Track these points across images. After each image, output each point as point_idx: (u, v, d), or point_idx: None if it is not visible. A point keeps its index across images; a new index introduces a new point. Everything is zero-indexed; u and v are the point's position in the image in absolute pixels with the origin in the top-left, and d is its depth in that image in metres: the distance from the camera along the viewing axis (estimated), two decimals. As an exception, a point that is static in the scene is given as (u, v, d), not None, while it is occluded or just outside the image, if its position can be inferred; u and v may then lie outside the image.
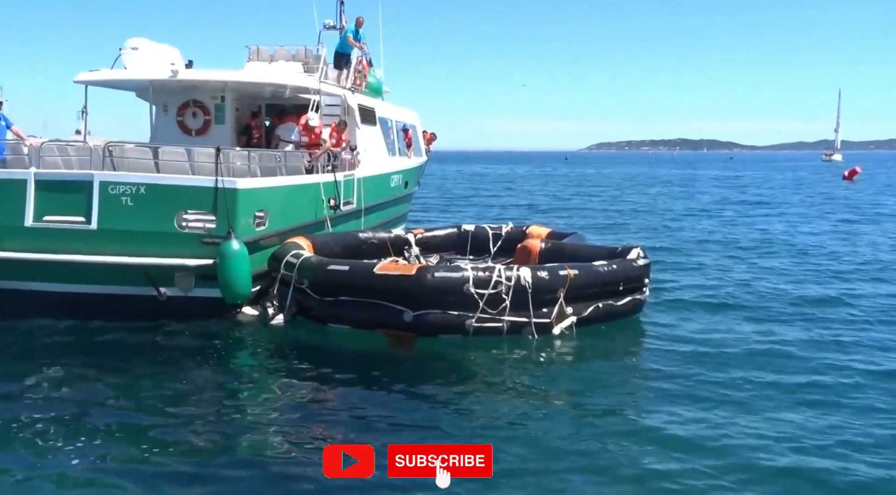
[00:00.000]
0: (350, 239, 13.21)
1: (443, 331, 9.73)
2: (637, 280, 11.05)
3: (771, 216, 30.07)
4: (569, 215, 29.79)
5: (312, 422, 7.33)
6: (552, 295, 9.96)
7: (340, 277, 10.20)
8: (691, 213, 30.93)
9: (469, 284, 9.57)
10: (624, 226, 25.71)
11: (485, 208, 32.89)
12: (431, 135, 22.61)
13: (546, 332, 9.95)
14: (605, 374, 8.93)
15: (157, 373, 8.58)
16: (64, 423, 7.05)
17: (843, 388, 8.31)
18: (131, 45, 13.86)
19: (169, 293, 10.56)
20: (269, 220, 11.22)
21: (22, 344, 9.63)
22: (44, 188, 10.46)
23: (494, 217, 26.58)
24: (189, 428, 7.05)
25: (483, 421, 7.27)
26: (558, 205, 35.57)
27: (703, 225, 26.05)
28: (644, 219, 28.50)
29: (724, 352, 9.68)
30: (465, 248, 14.25)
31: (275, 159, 12.30)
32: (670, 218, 28.85)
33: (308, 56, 16.85)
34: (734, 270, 16.16)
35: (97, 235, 10.33)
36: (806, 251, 19.37)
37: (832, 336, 10.63)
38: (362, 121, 15.77)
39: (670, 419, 7.29)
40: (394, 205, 17.99)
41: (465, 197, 40.34)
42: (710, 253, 18.88)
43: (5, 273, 10.46)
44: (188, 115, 15.35)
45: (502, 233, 14.24)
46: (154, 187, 10.40)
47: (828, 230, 24.80)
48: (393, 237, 13.76)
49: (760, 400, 7.89)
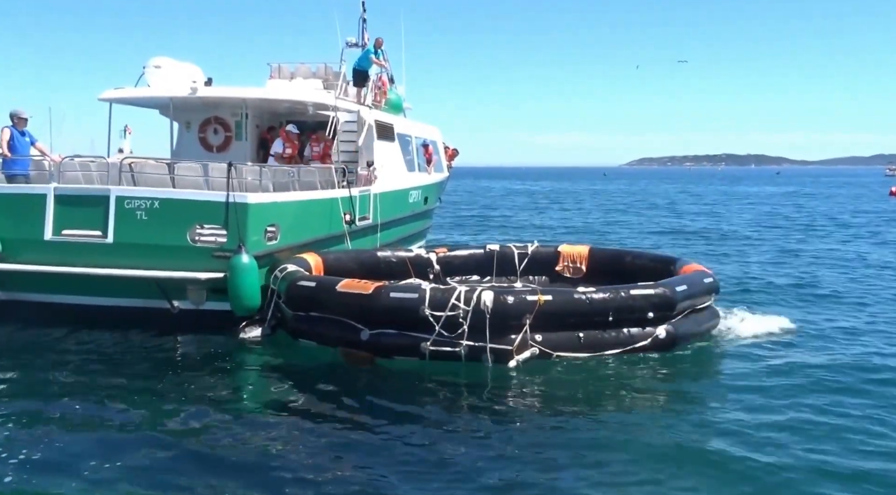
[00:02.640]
0: (367, 257, 13.16)
1: (397, 352, 9.46)
2: (638, 311, 9.75)
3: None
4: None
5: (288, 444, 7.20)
6: (517, 321, 9.31)
7: (308, 293, 10.22)
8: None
9: (424, 306, 9.23)
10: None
11: (513, 228, 32.58)
12: (453, 151, 22.70)
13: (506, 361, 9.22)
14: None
15: (163, 386, 8.75)
16: (75, 431, 7.28)
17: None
18: (154, 64, 14.21)
19: (181, 306, 10.78)
20: (281, 235, 11.39)
21: (37, 354, 9.86)
22: (63, 202, 10.78)
23: (500, 236, 25.90)
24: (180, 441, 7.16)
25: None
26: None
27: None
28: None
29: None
30: (491, 268, 13.81)
31: (288, 174, 12.50)
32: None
33: (328, 73, 17.10)
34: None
35: (113, 249, 10.61)
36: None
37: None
38: (380, 137, 15.93)
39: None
40: (412, 221, 18.09)
41: (485, 217, 38.83)
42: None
43: (25, 285, 10.79)
44: (210, 131, 15.69)
45: (528, 252, 13.80)
46: (168, 202, 10.65)
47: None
48: (413, 256, 13.56)
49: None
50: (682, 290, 10.13)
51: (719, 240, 26.89)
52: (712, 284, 11.01)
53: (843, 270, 18.98)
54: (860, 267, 19.69)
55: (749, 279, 17.06)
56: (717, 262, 19.01)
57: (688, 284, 10.40)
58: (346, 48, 18.18)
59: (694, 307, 10.53)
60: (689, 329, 10.29)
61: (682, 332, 10.13)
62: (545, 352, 9.41)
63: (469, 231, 29.71)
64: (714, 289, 11.09)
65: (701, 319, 10.68)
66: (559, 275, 13.34)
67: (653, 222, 35.22)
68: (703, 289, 10.74)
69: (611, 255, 13.65)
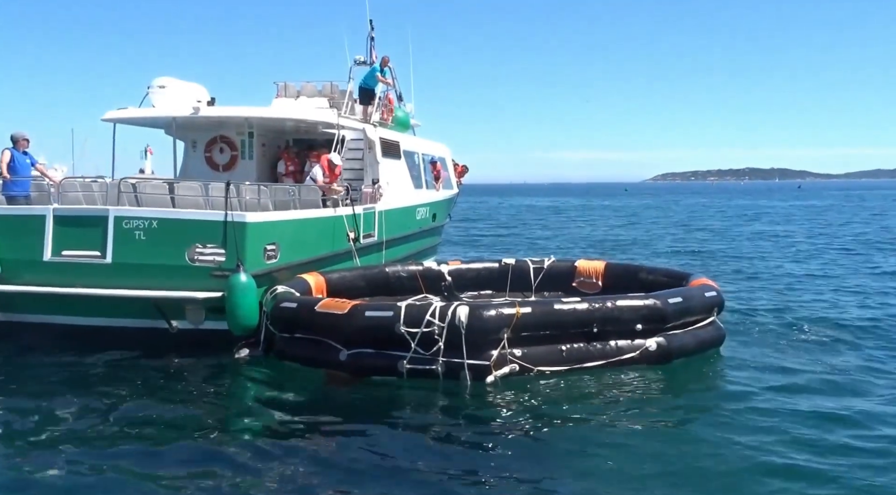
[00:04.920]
0: (375, 273, 13.01)
1: (376, 372, 9.33)
2: (625, 322, 9.53)
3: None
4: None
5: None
6: (494, 335, 9.08)
7: (290, 314, 10.15)
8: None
9: (400, 323, 9.08)
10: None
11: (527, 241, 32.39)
12: (463, 168, 22.64)
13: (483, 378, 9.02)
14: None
15: (157, 406, 8.68)
16: (73, 453, 7.24)
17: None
18: (159, 84, 14.32)
19: (179, 326, 10.70)
20: (281, 253, 11.30)
21: (35, 375, 9.81)
22: (62, 223, 10.76)
23: (511, 251, 25.33)
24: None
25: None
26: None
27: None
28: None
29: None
30: (505, 283, 13.61)
31: (288, 193, 12.44)
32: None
33: (334, 91, 17.15)
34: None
35: (112, 269, 10.55)
36: None
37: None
38: (385, 154, 15.87)
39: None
40: (420, 238, 17.98)
41: (501, 235, 37.87)
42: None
43: (24, 306, 10.76)
44: (216, 150, 15.75)
45: (544, 267, 13.61)
46: (166, 221, 10.60)
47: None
48: (424, 270, 13.40)
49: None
50: (675, 303, 9.88)
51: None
52: (714, 299, 10.70)
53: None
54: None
55: (783, 304, 15.05)
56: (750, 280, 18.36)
57: (683, 297, 10.14)
58: (354, 66, 18.28)
59: (692, 321, 10.24)
60: (685, 343, 9.98)
61: (677, 346, 9.84)
62: (525, 366, 9.20)
63: (483, 249, 29.54)
64: (717, 304, 10.76)
65: (701, 334, 10.32)
66: (575, 290, 13.10)
67: (668, 240, 34.62)
68: (702, 303, 10.44)
69: (626, 270, 13.43)
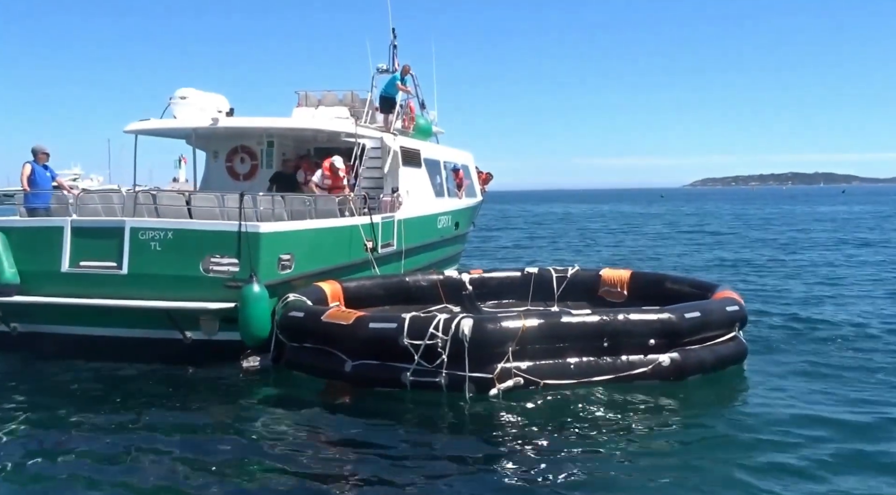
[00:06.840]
0: (394, 282, 12.94)
1: (379, 383, 9.26)
2: (637, 336, 9.27)
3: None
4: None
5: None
6: (499, 348, 8.94)
7: (298, 323, 10.13)
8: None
9: (403, 335, 9.01)
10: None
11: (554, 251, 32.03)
12: (487, 175, 22.49)
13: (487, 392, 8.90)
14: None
15: (168, 416, 8.73)
16: (87, 461, 7.33)
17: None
18: (180, 95, 14.42)
19: (193, 336, 10.72)
20: (296, 264, 11.26)
21: (51, 385, 9.92)
22: (79, 235, 10.87)
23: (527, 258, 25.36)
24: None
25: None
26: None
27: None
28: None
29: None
30: (528, 292, 13.40)
31: (304, 203, 12.42)
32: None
33: (354, 100, 17.15)
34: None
35: (128, 280, 10.62)
36: None
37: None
38: (405, 163, 15.80)
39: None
40: (442, 247, 17.86)
41: (521, 246, 36.05)
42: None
43: (43, 317, 10.87)
44: (237, 160, 15.86)
45: (567, 275, 13.35)
46: (181, 232, 10.64)
47: None
48: (444, 278, 13.27)
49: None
50: (691, 317, 9.56)
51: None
52: (736, 313, 10.32)
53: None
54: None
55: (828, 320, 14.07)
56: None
57: (701, 311, 9.80)
58: (376, 74, 18.26)
59: (711, 336, 9.87)
60: (702, 358, 9.64)
61: (693, 362, 9.51)
62: (531, 380, 9.01)
63: (510, 255, 29.30)
64: (739, 318, 10.37)
65: (720, 350, 9.91)
66: (601, 299, 12.89)
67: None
68: (722, 317, 10.09)
69: (652, 280, 13.14)
